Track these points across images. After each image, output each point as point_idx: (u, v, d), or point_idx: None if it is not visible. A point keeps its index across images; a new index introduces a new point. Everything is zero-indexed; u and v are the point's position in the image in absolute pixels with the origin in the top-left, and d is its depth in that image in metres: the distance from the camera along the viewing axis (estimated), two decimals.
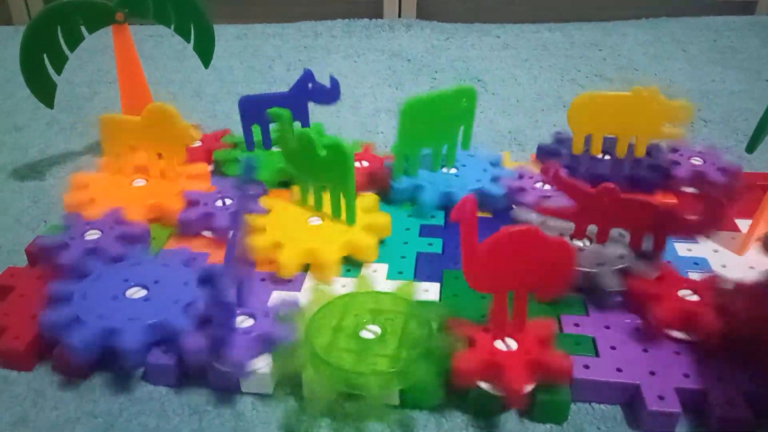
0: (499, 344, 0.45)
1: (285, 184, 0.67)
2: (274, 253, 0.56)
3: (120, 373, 0.48)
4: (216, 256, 0.57)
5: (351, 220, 0.59)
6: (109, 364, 0.48)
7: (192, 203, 0.62)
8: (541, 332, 0.46)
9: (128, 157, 0.68)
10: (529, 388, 0.43)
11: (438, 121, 0.65)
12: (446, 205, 0.64)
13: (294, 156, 0.61)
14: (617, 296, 0.51)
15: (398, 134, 0.64)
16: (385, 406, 0.45)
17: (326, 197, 0.61)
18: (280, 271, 0.55)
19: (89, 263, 0.54)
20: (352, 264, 0.57)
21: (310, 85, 0.71)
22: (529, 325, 0.46)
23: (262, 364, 0.46)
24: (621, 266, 0.52)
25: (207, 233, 0.61)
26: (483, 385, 0.43)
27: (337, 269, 0.56)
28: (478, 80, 1.01)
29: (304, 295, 0.53)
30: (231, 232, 0.45)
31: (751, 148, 0.51)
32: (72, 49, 0.72)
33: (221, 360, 0.45)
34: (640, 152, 0.68)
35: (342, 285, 0.54)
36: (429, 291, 0.54)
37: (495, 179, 0.66)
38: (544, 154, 0.72)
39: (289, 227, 0.59)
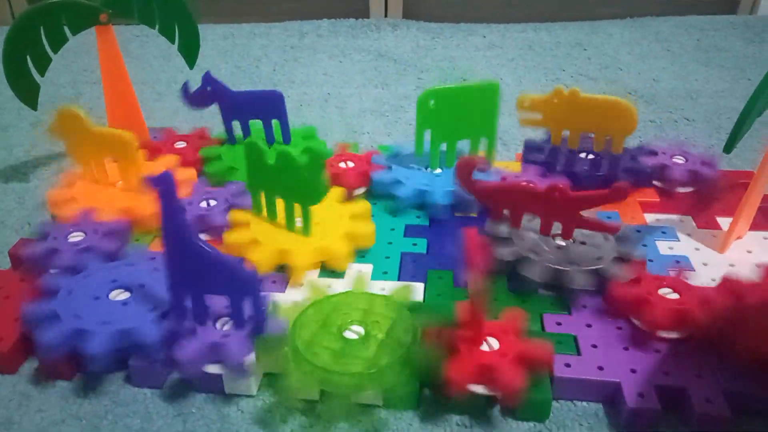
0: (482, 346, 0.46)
1: None
2: (249, 250, 0.56)
3: (90, 374, 0.48)
4: None
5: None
6: (80, 365, 0.48)
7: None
8: (513, 325, 0.47)
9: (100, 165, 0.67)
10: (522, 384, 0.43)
11: (457, 115, 0.66)
12: (421, 203, 0.65)
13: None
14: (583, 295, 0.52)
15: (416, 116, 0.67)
16: (363, 406, 0.45)
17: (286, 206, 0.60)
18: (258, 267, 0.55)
19: (82, 261, 0.54)
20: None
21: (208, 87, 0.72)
22: (501, 319, 0.47)
23: (215, 369, 0.46)
24: (595, 267, 0.53)
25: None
26: (475, 388, 0.44)
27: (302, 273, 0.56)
28: (464, 80, 1.02)
29: (296, 293, 0.54)
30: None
31: (728, 148, 0.52)
32: (55, 51, 0.72)
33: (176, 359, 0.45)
34: (574, 144, 0.70)
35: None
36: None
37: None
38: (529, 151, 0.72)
39: (271, 227, 0.59)
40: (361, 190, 0.68)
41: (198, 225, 0.60)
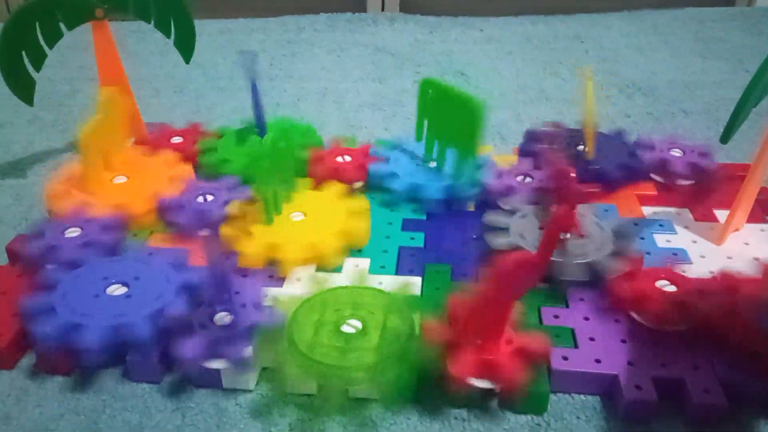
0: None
1: None
2: (273, 253, 0.56)
3: (88, 369, 0.48)
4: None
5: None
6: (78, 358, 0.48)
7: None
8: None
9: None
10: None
11: (448, 116, 0.65)
12: (414, 197, 0.65)
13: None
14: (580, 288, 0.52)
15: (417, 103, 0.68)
16: (360, 400, 0.45)
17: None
18: (282, 268, 0.55)
19: (79, 257, 0.54)
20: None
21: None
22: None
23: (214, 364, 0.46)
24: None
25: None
26: (476, 382, 0.44)
27: (341, 258, 0.57)
28: (462, 74, 1.01)
29: (299, 286, 0.54)
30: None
31: (725, 139, 0.52)
32: (51, 46, 0.71)
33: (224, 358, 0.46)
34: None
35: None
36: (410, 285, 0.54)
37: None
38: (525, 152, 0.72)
39: (275, 226, 0.59)
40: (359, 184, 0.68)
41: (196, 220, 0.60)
